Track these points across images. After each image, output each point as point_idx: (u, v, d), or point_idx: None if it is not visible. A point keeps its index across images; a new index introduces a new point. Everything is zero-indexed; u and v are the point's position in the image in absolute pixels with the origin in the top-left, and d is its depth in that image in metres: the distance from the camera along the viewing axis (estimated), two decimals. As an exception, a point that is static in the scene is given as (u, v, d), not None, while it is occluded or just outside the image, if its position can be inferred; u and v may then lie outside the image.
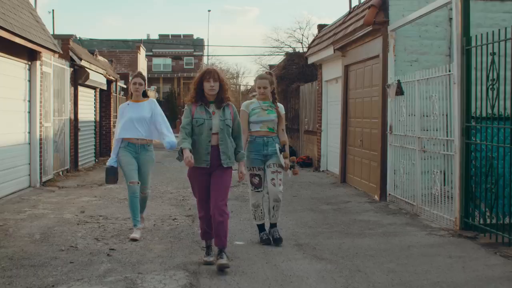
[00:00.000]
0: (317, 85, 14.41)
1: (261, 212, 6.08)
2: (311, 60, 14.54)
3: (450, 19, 8.70)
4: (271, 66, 24.90)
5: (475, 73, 6.43)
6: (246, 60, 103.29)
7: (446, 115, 7.26)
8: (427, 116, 7.74)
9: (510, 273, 5.00)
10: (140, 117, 6.35)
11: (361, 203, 9.04)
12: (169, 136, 6.34)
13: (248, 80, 58.37)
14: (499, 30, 5.86)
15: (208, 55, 48.91)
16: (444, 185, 7.24)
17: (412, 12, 8.56)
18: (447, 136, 7.12)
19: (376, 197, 9.35)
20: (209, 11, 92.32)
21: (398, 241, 6.31)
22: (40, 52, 10.30)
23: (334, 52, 11.77)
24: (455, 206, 6.80)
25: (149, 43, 49.06)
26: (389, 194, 9.01)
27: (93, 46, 38.74)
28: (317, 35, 14.90)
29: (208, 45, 48.88)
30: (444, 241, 6.27)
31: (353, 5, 11.57)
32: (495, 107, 5.94)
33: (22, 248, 5.72)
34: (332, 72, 12.99)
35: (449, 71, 7.00)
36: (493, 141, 5.99)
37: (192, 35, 55.08)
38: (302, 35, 37.75)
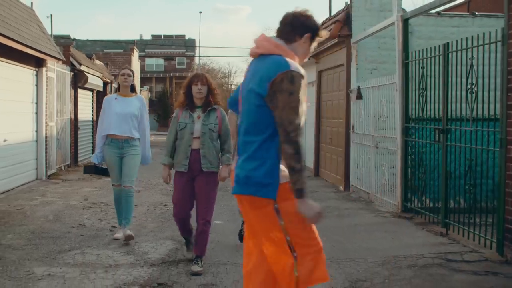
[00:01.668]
0: (297, 88, 15.72)
1: None
2: (291, 65, 15.88)
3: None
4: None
5: (412, 82, 7.79)
6: (238, 59, 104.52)
7: (393, 117, 8.62)
8: (380, 117, 9.09)
9: (427, 242, 6.37)
10: (126, 113, 6.12)
11: (327, 192, 10.42)
12: (145, 151, 6.43)
13: (240, 79, 59.60)
14: (427, 48, 7.22)
15: (199, 56, 50.22)
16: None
17: (373, 26, 9.88)
18: (393, 135, 8.49)
19: (341, 188, 10.72)
20: (200, 12, 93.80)
21: (349, 221, 7.67)
22: (46, 59, 11.58)
23: (309, 59, 13.09)
24: (397, 193, 8.18)
25: (141, 44, 50.30)
26: (352, 185, 10.38)
27: (87, 47, 39.93)
28: (296, 42, 16.26)
29: (199, 46, 50.15)
30: (385, 221, 7.64)
31: (335, 11, 12.93)
32: (424, 110, 7.32)
33: (40, 225, 7.04)
34: (309, 76, 14.11)
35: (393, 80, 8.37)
36: (422, 138, 7.36)
37: (184, 36, 56.39)
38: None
